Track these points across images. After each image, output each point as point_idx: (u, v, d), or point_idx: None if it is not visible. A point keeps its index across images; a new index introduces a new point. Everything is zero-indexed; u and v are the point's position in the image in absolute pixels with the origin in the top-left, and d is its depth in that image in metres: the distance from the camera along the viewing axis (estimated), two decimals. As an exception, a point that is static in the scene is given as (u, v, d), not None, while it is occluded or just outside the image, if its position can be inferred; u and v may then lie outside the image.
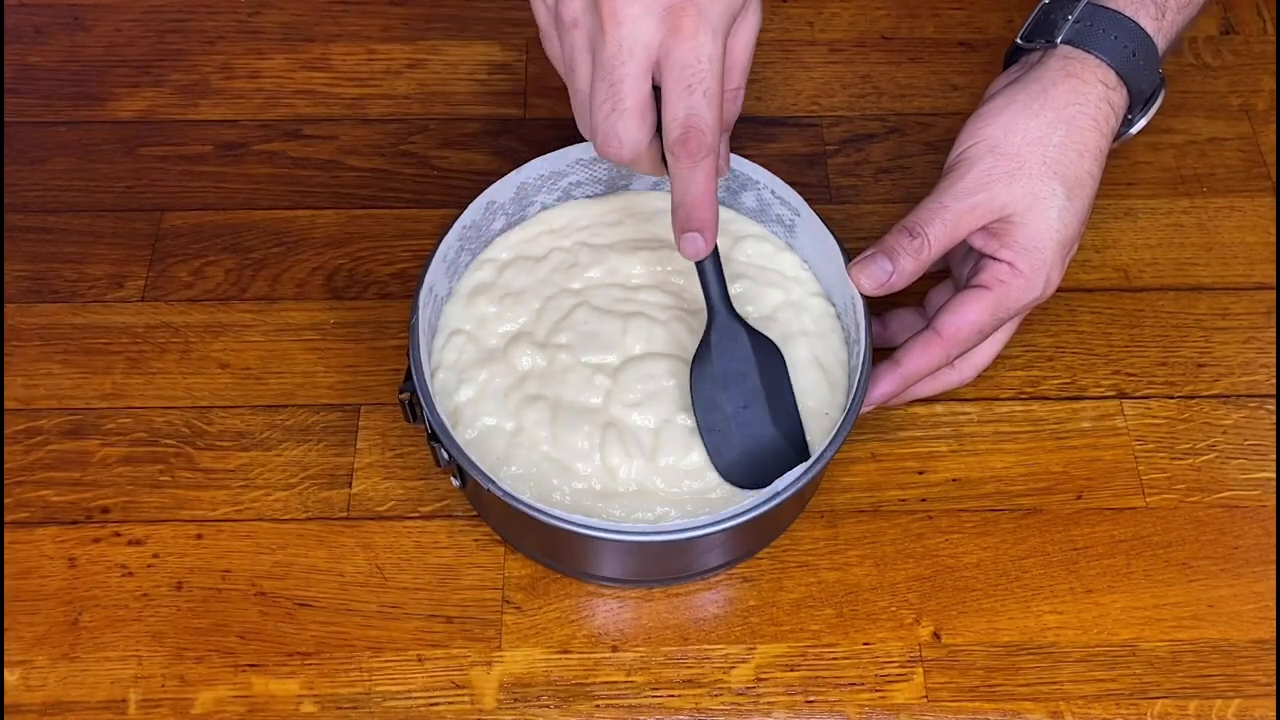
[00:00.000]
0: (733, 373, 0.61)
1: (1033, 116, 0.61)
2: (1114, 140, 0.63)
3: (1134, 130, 0.65)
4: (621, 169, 0.68)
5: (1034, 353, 0.70)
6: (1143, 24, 0.62)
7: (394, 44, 0.83)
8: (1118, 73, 0.61)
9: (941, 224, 0.60)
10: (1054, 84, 0.61)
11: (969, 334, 0.61)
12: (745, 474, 0.60)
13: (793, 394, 0.62)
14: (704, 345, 0.61)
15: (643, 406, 0.61)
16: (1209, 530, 0.65)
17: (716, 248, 0.59)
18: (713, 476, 0.60)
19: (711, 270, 0.60)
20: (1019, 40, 0.64)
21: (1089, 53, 0.61)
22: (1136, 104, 0.63)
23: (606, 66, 0.52)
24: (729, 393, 0.61)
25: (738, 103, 0.57)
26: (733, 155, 0.65)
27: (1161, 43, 0.62)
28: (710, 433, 0.60)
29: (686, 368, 0.62)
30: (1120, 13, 0.61)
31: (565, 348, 0.63)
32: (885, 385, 0.61)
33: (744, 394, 0.61)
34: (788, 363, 0.63)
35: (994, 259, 0.61)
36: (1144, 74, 0.62)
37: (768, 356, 0.61)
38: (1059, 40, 0.62)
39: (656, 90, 0.54)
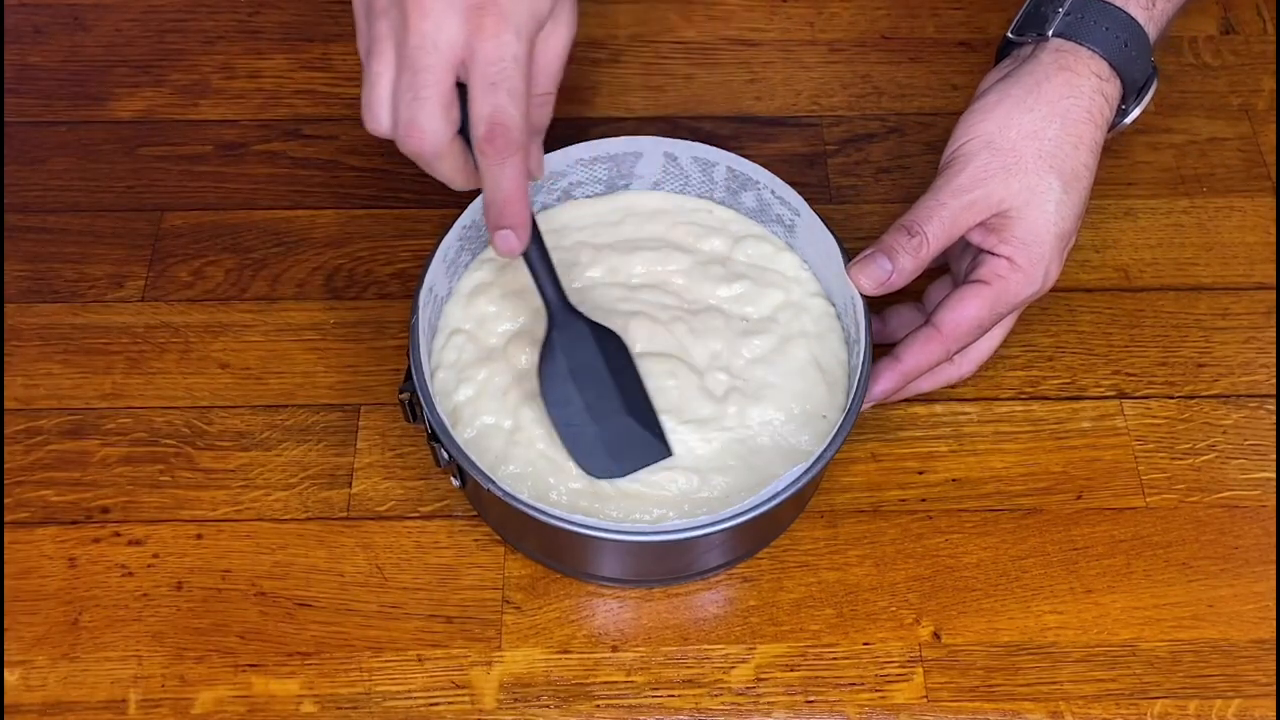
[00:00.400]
0: (580, 366, 0.60)
1: (1027, 111, 0.61)
2: (1108, 131, 0.63)
3: (1128, 120, 0.64)
4: (619, 171, 0.68)
5: (1034, 353, 0.70)
6: (1133, 14, 0.61)
7: (394, 44, 0.83)
8: (1110, 64, 0.61)
9: (939, 221, 0.60)
10: (1047, 77, 0.61)
11: (968, 329, 0.61)
12: (607, 466, 0.59)
13: (640, 380, 0.61)
14: (548, 343, 0.60)
15: (639, 406, 0.61)
16: (1209, 530, 0.65)
17: (542, 244, 0.58)
18: (697, 477, 0.60)
19: (540, 266, 0.59)
20: (1010, 34, 0.64)
21: (1081, 45, 0.61)
22: (1130, 94, 0.63)
23: (410, 58, 0.52)
24: (580, 387, 0.60)
25: (547, 108, 0.57)
26: (733, 155, 0.65)
27: (1153, 31, 0.62)
28: (568, 428, 0.59)
29: (687, 367, 0.62)
30: (1110, 3, 0.61)
31: (565, 346, 0.63)
32: (885, 381, 0.61)
33: (595, 386, 0.60)
34: (788, 362, 0.63)
35: (992, 254, 0.61)
36: (1136, 64, 0.62)
37: (612, 347, 0.61)
38: (1050, 33, 0.62)
39: (462, 90, 0.53)
